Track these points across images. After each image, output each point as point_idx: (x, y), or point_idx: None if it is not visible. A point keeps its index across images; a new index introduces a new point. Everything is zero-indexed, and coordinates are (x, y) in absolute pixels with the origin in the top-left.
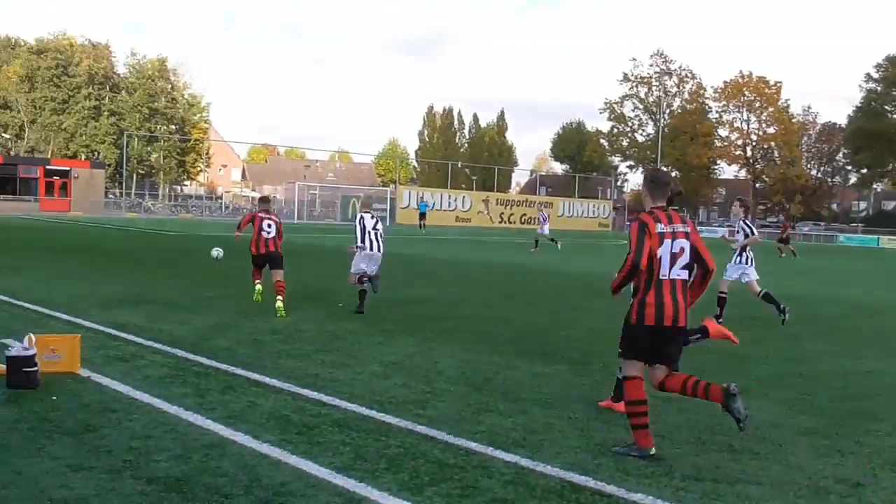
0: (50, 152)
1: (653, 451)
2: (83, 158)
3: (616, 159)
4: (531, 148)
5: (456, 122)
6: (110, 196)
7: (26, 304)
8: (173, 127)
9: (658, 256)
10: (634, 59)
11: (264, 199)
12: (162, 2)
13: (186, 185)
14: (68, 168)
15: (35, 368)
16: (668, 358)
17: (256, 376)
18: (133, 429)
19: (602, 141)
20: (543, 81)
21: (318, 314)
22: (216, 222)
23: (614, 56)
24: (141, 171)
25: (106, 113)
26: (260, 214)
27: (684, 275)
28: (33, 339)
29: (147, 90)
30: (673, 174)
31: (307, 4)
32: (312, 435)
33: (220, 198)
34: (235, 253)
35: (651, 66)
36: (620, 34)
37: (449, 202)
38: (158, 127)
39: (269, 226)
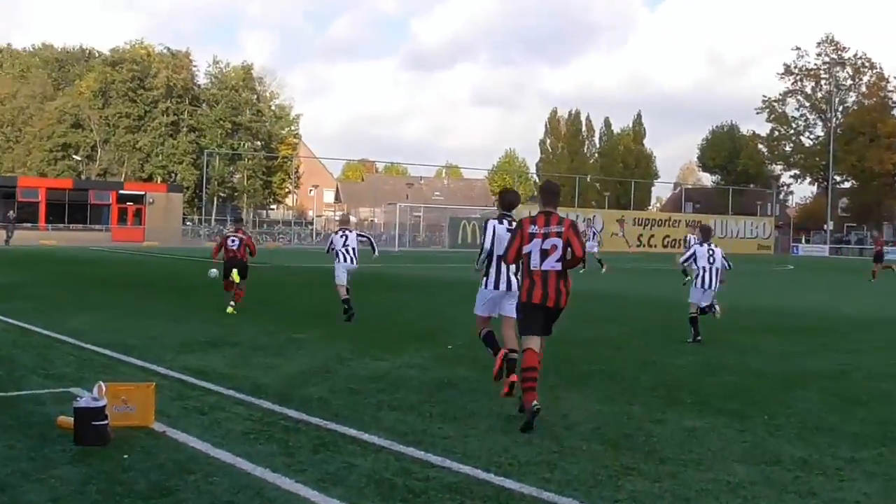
0: (123, 175)
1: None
2: (159, 181)
3: (777, 168)
4: (674, 157)
5: (584, 129)
6: (188, 223)
7: (94, 348)
8: (258, 143)
9: (527, 252)
10: (798, 49)
11: (236, 220)
12: (245, 4)
13: (273, 209)
14: (143, 192)
15: (105, 422)
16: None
17: (353, 432)
18: (214, 493)
19: (760, 146)
20: (686, 78)
21: (424, 358)
22: (306, 251)
23: (773, 46)
24: (222, 195)
25: (185, 129)
26: (227, 234)
27: (558, 266)
28: (104, 387)
29: (230, 102)
30: (847, 184)
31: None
32: (419, 502)
33: (311, 223)
34: (326, 285)
35: (819, 55)
36: (780, 19)
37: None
38: (242, 143)
39: (233, 241)
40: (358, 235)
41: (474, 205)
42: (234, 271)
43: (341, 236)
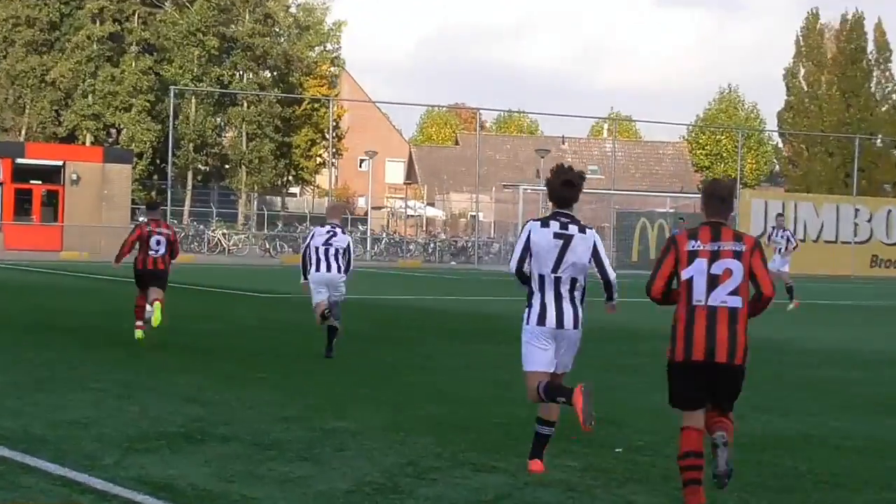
0: (23, 131)
1: None
2: (89, 142)
3: None
4: None
5: (872, 48)
6: (140, 220)
7: None
8: (267, 75)
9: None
10: None
11: (152, 206)
12: None
13: (293, 195)
14: (59, 163)
15: None
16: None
17: None
18: None
19: None
20: None
21: (570, 470)
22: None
23: None
24: (202, 167)
25: (134, 48)
26: (148, 228)
27: (732, 301)
28: None
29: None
30: None
31: None
32: None
33: (363, 218)
34: (394, 341)
35: None
36: None
37: (841, 219)
38: (237, 75)
39: (158, 242)
40: (349, 243)
41: (660, 188)
42: (157, 316)
43: (328, 232)
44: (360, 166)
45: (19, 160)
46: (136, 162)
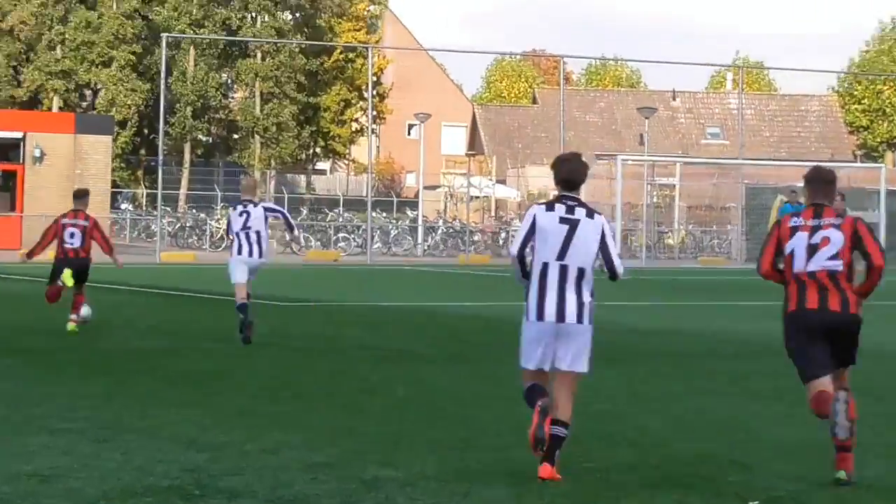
0: None
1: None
2: (56, 106)
3: None
4: None
5: None
6: (122, 207)
7: None
8: (287, 17)
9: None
10: None
11: (79, 194)
12: None
13: (321, 172)
14: (17, 134)
15: None
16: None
17: None
18: None
19: None
20: None
21: None
22: (401, 272)
23: None
24: (204, 139)
25: None
26: (63, 221)
27: (835, 265)
28: None
29: None
30: None
31: None
32: None
33: (412, 201)
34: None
35: None
36: None
37: None
38: (249, 20)
39: (72, 235)
40: (266, 210)
41: (803, 155)
42: (67, 272)
43: (241, 214)
44: (409, 133)
45: None
46: (118, 132)
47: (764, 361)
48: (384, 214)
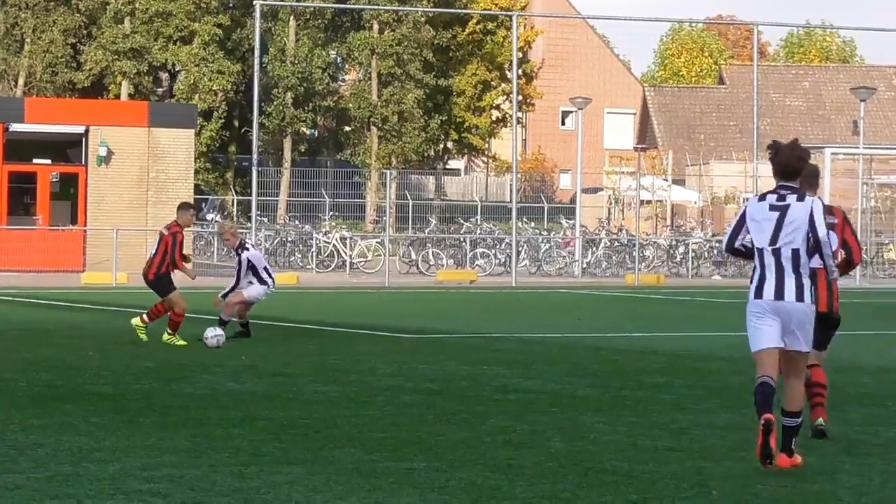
0: (19, 80)
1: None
2: (126, 94)
3: None
4: None
5: None
6: (208, 217)
7: None
8: None
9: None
10: None
11: (181, 206)
12: None
13: (455, 173)
14: (79, 128)
15: None
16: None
17: None
18: None
19: None
20: None
21: None
22: (556, 293)
23: None
24: (308, 132)
25: None
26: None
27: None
28: None
29: None
30: None
31: None
32: None
33: (568, 207)
34: None
35: None
36: None
37: None
38: None
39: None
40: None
41: None
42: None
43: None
44: (563, 123)
45: (14, 126)
46: (202, 125)
47: None
48: (532, 224)
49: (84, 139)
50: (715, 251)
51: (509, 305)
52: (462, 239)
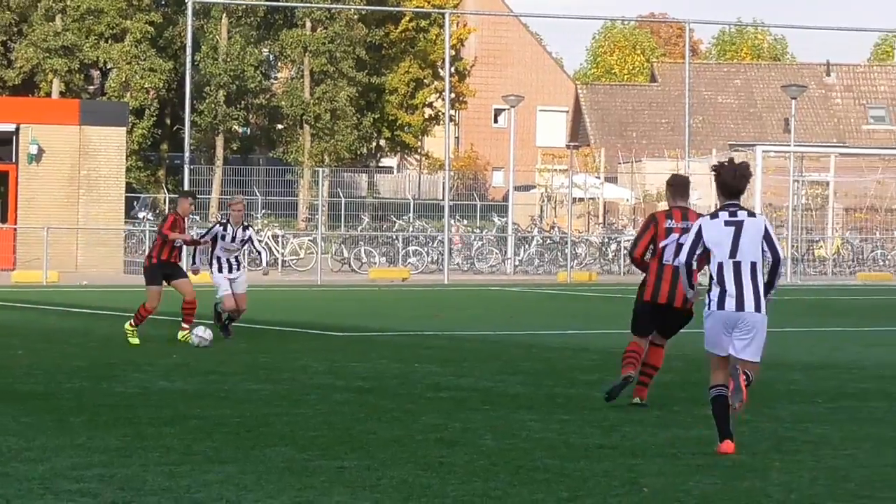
0: None
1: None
2: (57, 92)
3: None
4: None
5: None
6: (140, 216)
7: None
8: None
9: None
10: None
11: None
12: None
13: (388, 171)
14: (9, 127)
15: None
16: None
17: None
18: None
19: None
20: None
21: None
22: (489, 291)
23: None
24: (240, 130)
25: None
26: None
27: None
28: None
29: None
30: None
31: None
32: None
33: (501, 204)
34: None
35: None
36: None
37: None
38: None
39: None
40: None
41: None
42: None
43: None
44: (496, 121)
45: None
46: (134, 123)
47: None
48: (465, 222)
49: (14, 137)
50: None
51: (442, 303)
52: (394, 237)
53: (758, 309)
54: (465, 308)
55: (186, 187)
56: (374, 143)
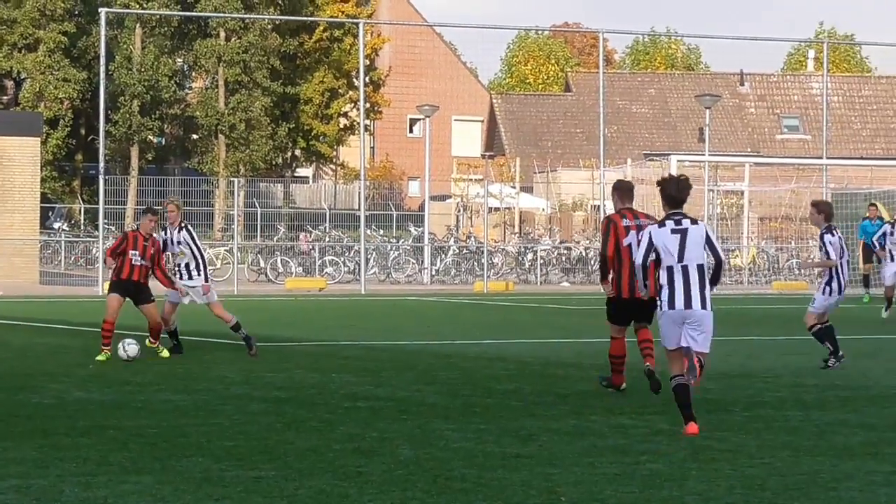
0: None
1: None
2: None
3: None
4: None
5: None
6: (55, 227)
7: None
8: None
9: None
10: None
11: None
12: None
13: (303, 181)
14: None
15: None
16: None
17: None
18: None
19: None
20: None
21: None
22: (405, 301)
23: None
24: (155, 140)
25: None
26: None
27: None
28: None
29: None
30: None
31: None
32: None
33: (416, 214)
34: None
35: None
36: None
37: None
38: None
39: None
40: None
41: None
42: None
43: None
44: (411, 131)
45: None
46: (48, 133)
47: (856, 410)
48: (381, 232)
49: None
50: (563, 258)
51: (358, 313)
52: (311, 247)
53: (704, 306)
54: (381, 318)
55: (101, 198)
56: (290, 153)
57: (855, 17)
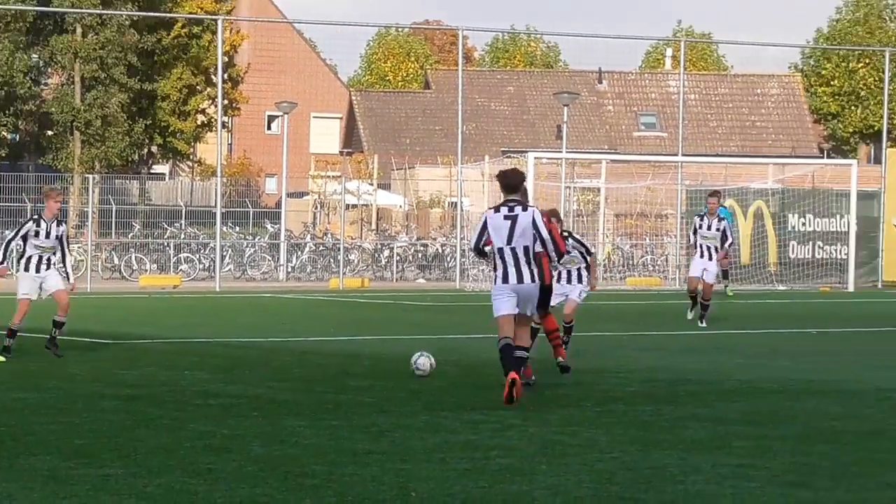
0: None
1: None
2: None
3: None
4: None
5: None
6: None
7: None
8: None
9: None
10: None
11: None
12: None
13: (160, 177)
14: None
15: None
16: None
17: None
18: None
19: None
20: None
21: None
22: (261, 298)
23: None
24: (8, 137)
25: None
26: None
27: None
28: None
29: None
30: None
31: None
32: None
33: (274, 211)
34: None
35: None
36: None
37: None
38: None
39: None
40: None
41: (759, 150)
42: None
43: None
44: (269, 128)
45: None
46: None
47: (706, 404)
48: (237, 229)
49: None
50: (420, 255)
51: (213, 310)
52: (166, 243)
53: (532, 280)
54: (236, 315)
55: None
56: (146, 150)
57: (712, 16)
